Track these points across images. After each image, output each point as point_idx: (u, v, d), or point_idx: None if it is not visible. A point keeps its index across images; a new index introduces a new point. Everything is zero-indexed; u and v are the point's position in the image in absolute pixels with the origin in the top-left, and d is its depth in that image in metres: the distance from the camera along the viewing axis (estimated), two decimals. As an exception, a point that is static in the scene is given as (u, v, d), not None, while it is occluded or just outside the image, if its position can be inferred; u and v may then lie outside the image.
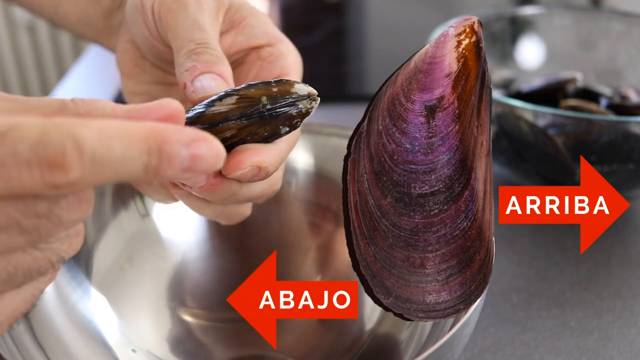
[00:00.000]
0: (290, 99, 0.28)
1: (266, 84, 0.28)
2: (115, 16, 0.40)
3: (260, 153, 0.28)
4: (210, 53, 0.31)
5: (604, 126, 0.45)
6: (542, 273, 0.47)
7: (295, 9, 1.04)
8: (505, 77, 0.64)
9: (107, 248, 0.39)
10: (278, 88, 0.28)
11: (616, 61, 0.64)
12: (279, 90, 0.28)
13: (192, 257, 0.42)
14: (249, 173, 0.28)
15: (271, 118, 0.28)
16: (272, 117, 0.28)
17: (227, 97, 0.28)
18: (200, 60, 0.30)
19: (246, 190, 0.31)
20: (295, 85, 0.29)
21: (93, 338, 0.36)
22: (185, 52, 0.31)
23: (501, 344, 0.41)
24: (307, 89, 0.29)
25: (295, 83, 0.29)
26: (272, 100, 0.28)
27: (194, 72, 0.30)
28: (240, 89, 0.28)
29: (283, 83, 0.29)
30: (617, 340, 0.41)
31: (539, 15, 0.66)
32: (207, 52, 0.31)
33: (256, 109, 0.28)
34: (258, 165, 0.28)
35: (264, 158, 0.29)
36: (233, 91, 0.28)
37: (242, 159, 0.28)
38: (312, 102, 0.29)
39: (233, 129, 0.28)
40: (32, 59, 1.65)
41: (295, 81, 0.29)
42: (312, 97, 0.29)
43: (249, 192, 0.31)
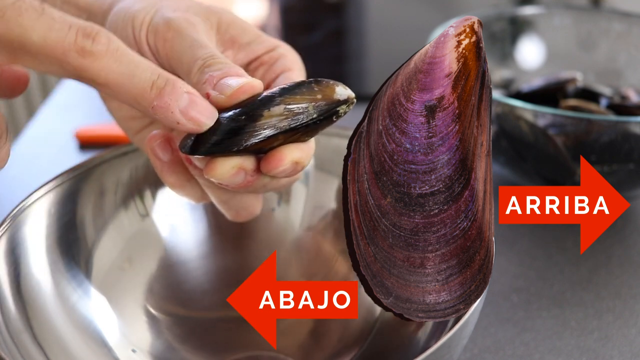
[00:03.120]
0: (334, 105, 0.29)
1: (309, 89, 0.29)
2: None
3: (297, 151, 0.30)
4: (220, 62, 0.31)
5: (604, 126, 0.45)
6: (542, 273, 0.47)
7: (295, 9, 1.04)
8: (505, 77, 0.64)
9: (107, 248, 0.39)
10: (322, 94, 0.29)
11: (616, 61, 0.64)
12: (322, 97, 0.29)
13: (192, 257, 0.42)
14: (288, 169, 0.30)
15: (315, 127, 0.29)
16: (317, 125, 0.29)
17: (274, 107, 0.28)
18: (214, 69, 0.30)
19: (276, 182, 0.32)
20: (336, 90, 0.29)
21: (93, 338, 0.36)
22: (196, 71, 0.31)
23: (501, 344, 0.41)
24: (347, 93, 0.29)
25: (335, 86, 0.29)
26: (317, 109, 0.29)
27: (212, 80, 0.30)
28: (285, 94, 0.29)
29: (324, 87, 0.29)
30: (617, 340, 0.41)
31: (539, 15, 0.66)
32: (218, 62, 0.31)
33: (303, 121, 0.29)
34: (297, 161, 0.30)
35: (302, 155, 0.30)
36: (279, 97, 0.29)
37: (283, 157, 0.30)
38: (350, 106, 0.30)
39: (280, 140, 0.29)
40: (32, 59, 1.64)
41: (334, 83, 0.29)
42: (350, 101, 0.30)
43: (278, 183, 0.33)
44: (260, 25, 0.94)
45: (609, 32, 0.64)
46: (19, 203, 0.36)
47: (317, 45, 0.88)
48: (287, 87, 0.29)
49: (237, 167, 0.29)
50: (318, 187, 0.43)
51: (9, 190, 0.56)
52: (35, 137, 0.67)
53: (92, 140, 0.64)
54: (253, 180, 0.31)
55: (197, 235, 0.42)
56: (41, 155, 0.63)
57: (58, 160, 0.61)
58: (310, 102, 0.29)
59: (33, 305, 0.34)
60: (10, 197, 0.47)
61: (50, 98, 0.74)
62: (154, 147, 0.33)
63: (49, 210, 0.37)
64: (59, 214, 0.37)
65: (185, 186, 0.34)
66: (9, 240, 0.34)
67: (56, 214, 0.37)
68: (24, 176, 0.58)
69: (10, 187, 0.57)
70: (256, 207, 0.36)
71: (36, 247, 0.36)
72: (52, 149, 0.64)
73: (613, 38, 0.64)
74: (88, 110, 0.71)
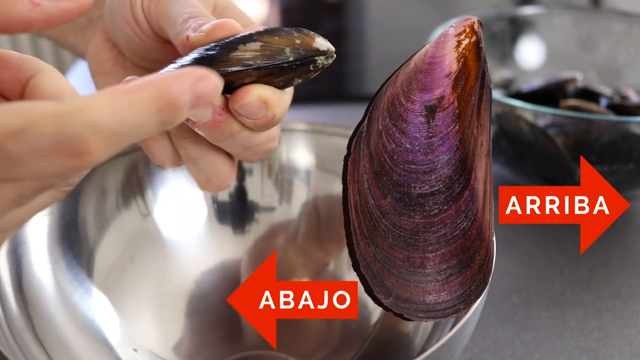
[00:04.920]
0: (311, 53, 0.29)
1: (288, 34, 0.29)
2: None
3: (267, 90, 0.29)
4: (206, 15, 0.31)
5: (604, 126, 0.45)
6: (542, 273, 0.47)
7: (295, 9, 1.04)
8: (505, 77, 0.64)
9: (109, 247, 0.39)
10: (301, 40, 0.29)
11: (616, 61, 0.64)
12: (301, 42, 0.29)
13: (193, 257, 0.42)
14: (255, 104, 0.29)
15: (290, 70, 0.29)
16: (292, 69, 0.29)
17: (250, 42, 0.28)
18: (198, 20, 0.30)
19: (246, 135, 0.31)
20: (316, 39, 0.29)
21: (94, 337, 0.36)
22: (180, 22, 0.31)
23: (501, 344, 0.41)
24: (327, 45, 0.29)
25: (316, 36, 0.29)
26: (294, 52, 0.28)
27: (194, 27, 0.30)
28: (263, 35, 0.28)
29: (304, 35, 0.29)
30: (617, 340, 0.41)
31: (539, 15, 0.66)
32: (203, 14, 0.31)
33: (278, 61, 0.28)
34: (265, 100, 0.29)
35: (272, 96, 0.29)
36: (256, 35, 0.28)
37: (250, 90, 0.29)
38: (329, 59, 0.29)
39: (253, 77, 0.28)
40: (33, 58, 1.65)
41: (315, 34, 0.29)
42: (330, 54, 0.29)
43: (248, 138, 0.31)
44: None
45: (609, 32, 0.64)
46: (20, 203, 0.36)
47: (318, 45, 0.88)
48: (267, 29, 0.29)
49: None
50: (318, 187, 0.43)
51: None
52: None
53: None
54: (221, 120, 0.29)
55: (198, 235, 0.42)
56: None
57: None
58: (288, 45, 0.28)
59: (35, 304, 0.34)
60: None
61: (51, 98, 0.74)
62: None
63: (51, 209, 0.37)
64: (61, 213, 0.37)
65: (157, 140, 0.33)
66: (10, 239, 0.34)
67: (58, 213, 0.37)
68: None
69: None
70: (228, 177, 0.34)
71: (38, 246, 0.36)
72: (53, 148, 0.64)
73: (613, 38, 0.64)
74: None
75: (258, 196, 0.43)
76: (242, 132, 0.30)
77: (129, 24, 0.34)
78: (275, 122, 0.30)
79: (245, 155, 0.33)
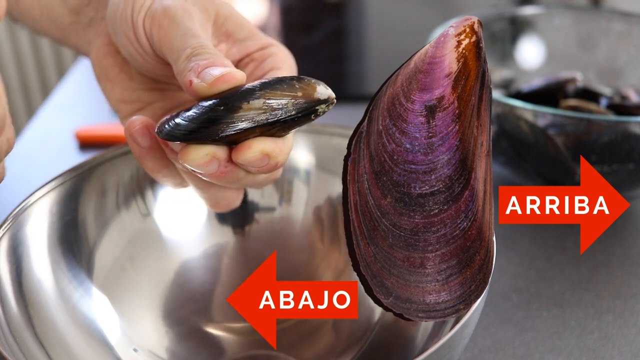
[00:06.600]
0: (313, 104, 0.29)
1: (290, 86, 0.29)
2: (84, 13, 0.39)
3: (269, 143, 0.30)
4: (208, 52, 0.31)
5: (604, 126, 0.45)
6: (542, 273, 0.47)
7: (295, 9, 1.04)
8: (505, 77, 0.64)
9: (109, 247, 0.39)
10: (302, 92, 0.29)
11: (616, 61, 0.64)
12: (303, 94, 0.29)
13: (193, 257, 0.42)
14: (257, 158, 0.30)
15: (293, 123, 0.29)
16: (294, 121, 0.29)
17: (254, 100, 0.28)
18: (201, 59, 0.30)
19: (251, 177, 0.32)
20: (317, 89, 0.29)
21: (94, 337, 0.36)
22: (184, 59, 0.31)
23: (501, 344, 0.41)
24: (328, 93, 0.30)
25: (317, 85, 0.29)
26: (296, 106, 0.29)
27: (197, 69, 0.30)
28: (266, 89, 0.29)
29: (305, 85, 0.29)
30: (617, 340, 0.41)
31: (539, 15, 0.66)
32: (206, 52, 0.31)
33: (281, 117, 0.29)
34: (267, 153, 0.30)
35: (274, 148, 0.30)
36: (259, 91, 0.29)
37: (252, 145, 0.30)
38: (330, 106, 0.30)
39: (256, 133, 0.29)
40: (32, 59, 1.65)
41: (316, 82, 0.29)
42: (330, 101, 0.30)
43: (253, 179, 0.33)
44: (260, 25, 0.94)
45: (609, 32, 0.64)
46: (20, 202, 0.36)
47: (317, 45, 0.88)
48: (269, 81, 0.29)
49: (210, 155, 0.29)
50: (319, 187, 0.43)
51: (9, 190, 0.56)
52: (35, 137, 0.67)
53: (92, 140, 0.64)
54: (227, 171, 0.31)
55: (198, 235, 0.42)
56: (41, 155, 0.63)
57: (58, 160, 0.61)
58: (290, 98, 0.29)
59: (35, 304, 0.34)
60: (10, 196, 0.47)
61: (50, 98, 0.75)
62: (133, 132, 0.33)
63: (51, 209, 0.37)
64: (61, 213, 0.37)
65: (163, 171, 0.34)
66: (10, 239, 0.34)
67: (58, 213, 0.37)
68: (24, 176, 0.58)
69: (10, 186, 0.57)
70: (235, 199, 0.36)
71: (38, 246, 0.36)
72: (52, 148, 0.64)
73: (613, 38, 0.64)
74: (88, 110, 0.71)
75: (258, 196, 0.43)
76: (246, 177, 0.32)
77: (132, 42, 0.34)
78: (278, 167, 0.31)
79: (250, 186, 0.34)
